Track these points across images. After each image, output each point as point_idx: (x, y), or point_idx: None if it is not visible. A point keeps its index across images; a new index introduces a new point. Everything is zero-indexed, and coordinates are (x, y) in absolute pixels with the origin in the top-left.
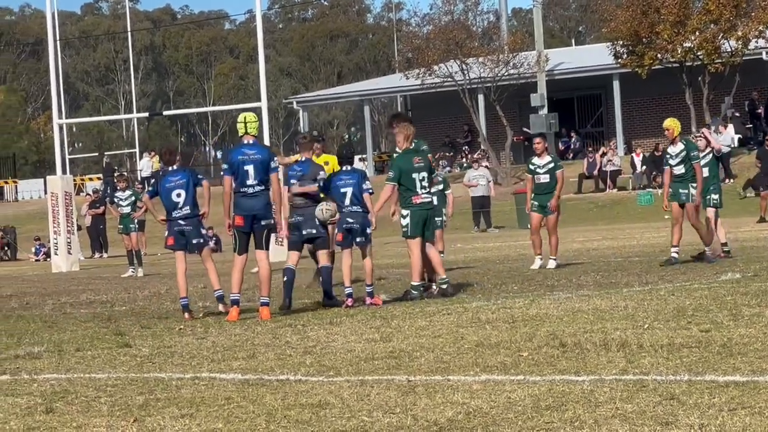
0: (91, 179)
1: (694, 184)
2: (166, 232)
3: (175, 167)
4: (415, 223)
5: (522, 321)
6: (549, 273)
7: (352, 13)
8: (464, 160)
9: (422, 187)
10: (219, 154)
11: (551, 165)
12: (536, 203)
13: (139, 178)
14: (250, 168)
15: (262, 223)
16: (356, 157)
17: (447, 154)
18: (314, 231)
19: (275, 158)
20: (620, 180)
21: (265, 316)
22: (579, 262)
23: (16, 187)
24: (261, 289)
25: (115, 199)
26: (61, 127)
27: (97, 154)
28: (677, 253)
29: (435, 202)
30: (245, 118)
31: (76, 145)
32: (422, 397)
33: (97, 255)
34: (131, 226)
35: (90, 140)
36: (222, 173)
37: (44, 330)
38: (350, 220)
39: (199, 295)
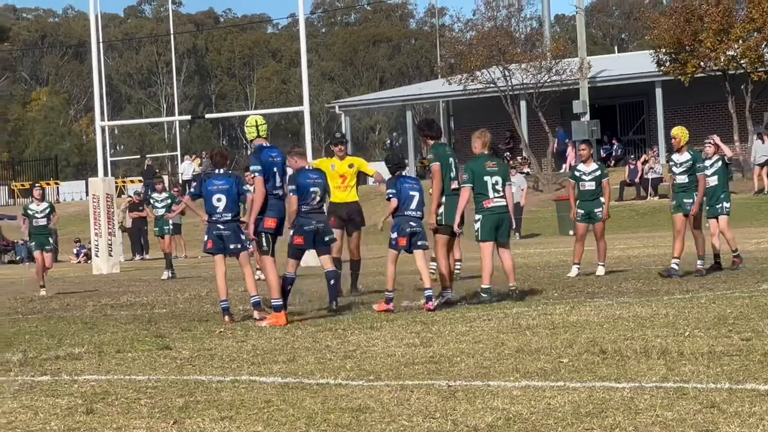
0: (132, 182)
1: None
2: (206, 236)
3: (221, 171)
4: (487, 227)
5: (562, 327)
6: (590, 280)
7: (394, 18)
8: None
9: (495, 191)
10: None
11: (598, 172)
12: (581, 211)
13: (180, 181)
14: (277, 171)
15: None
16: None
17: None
18: (333, 236)
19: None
20: (661, 188)
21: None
22: (620, 269)
23: (57, 188)
24: (271, 293)
25: (151, 200)
26: (103, 130)
27: (138, 156)
28: (677, 264)
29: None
30: (256, 121)
31: (117, 147)
32: (462, 402)
33: (137, 257)
34: (165, 228)
35: (132, 143)
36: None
37: (85, 331)
38: (413, 224)
39: (239, 299)
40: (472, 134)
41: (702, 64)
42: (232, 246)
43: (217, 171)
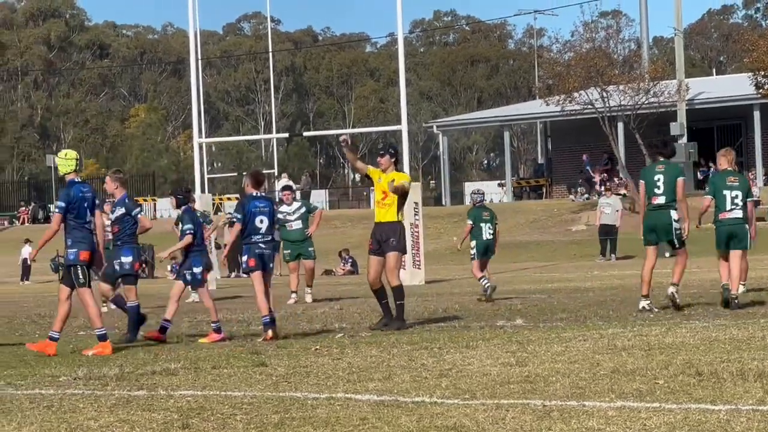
0: (229, 199)
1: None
2: (245, 255)
3: (260, 193)
4: (720, 238)
5: (658, 349)
6: (685, 302)
7: (493, 38)
8: (602, 187)
9: (733, 204)
10: (357, 177)
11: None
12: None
13: (276, 199)
14: (87, 206)
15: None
16: (495, 183)
17: (584, 181)
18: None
19: None
20: (760, 211)
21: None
22: (716, 291)
23: (154, 204)
24: (93, 324)
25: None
26: (200, 146)
27: (235, 173)
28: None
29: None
30: (74, 155)
31: (215, 164)
32: (557, 422)
33: (233, 274)
34: None
35: (229, 160)
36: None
37: (181, 347)
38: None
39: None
40: (718, 153)
41: None
42: (271, 265)
43: (255, 193)
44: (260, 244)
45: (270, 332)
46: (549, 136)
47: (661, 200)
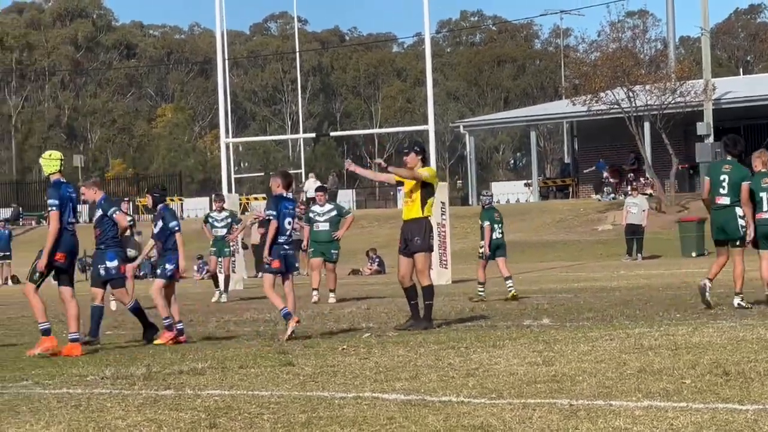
0: (256, 198)
1: None
2: (271, 256)
3: (289, 194)
4: (757, 238)
5: (685, 348)
6: (712, 302)
7: (519, 38)
8: (628, 187)
9: None
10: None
11: None
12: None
13: (303, 199)
14: (71, 206)
15: None
16: (521, 183)
17: (611, 180)
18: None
19: None
20: None
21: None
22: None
23: (181, 204)
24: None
25: (210, 220)
26: (227, 146)
27: (262, 173)
28: None
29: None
30: (57, 155)
31: (242, 164)
32: (584, 422)
33: (260, 275)
34: (226, 250)
35: (256, 160)
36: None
37: (208, 347)
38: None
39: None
40: (753, 154)
41: None
42: (297, 265)
43: (285, 194)
44: (285, 246)
45: (292, 320)
46: (575, 135)
47: (726, 201)
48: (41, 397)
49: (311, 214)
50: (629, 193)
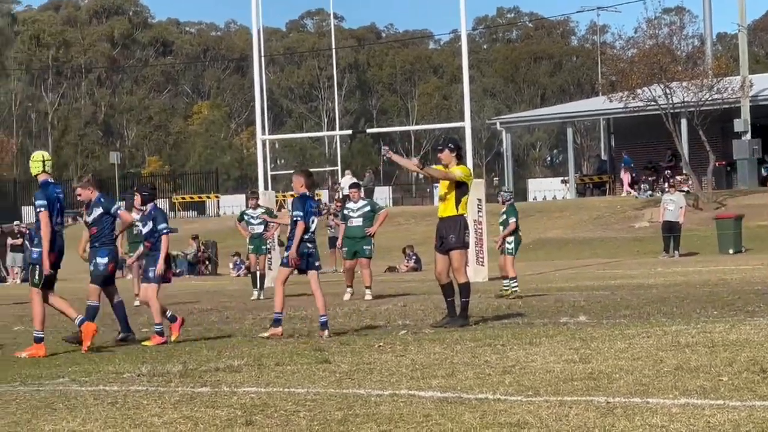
0: (293, 196)
1: None
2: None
3: (311, 193)
4: None
5: (722, 346)
6: (749, 299)
7: (556, 35)
8: (665, 184)
9: None
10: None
11: None
12: None
13: (339, 196)
14: (59, 206)
15: None
16: (558, 180)
17: (648, 177)
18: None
19: None
20: None
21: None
22: None
23: (218, 201)
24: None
25: (245, 217)
26: (264, 143)
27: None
28: None
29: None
30: (42, 156)
31: (278, 161)
32: (621, 419)
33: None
34: (263, 247)
35: (292, 157)
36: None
37: (244, 344)
38: None
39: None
40: None
41: None
42: (317, 263)
43: (308, 193)
44: (308, 244)
45: (277, 329)
46: (612, 132)
47: None
48: (78, 394)
49: (346, 211)
50: (666, 189)
